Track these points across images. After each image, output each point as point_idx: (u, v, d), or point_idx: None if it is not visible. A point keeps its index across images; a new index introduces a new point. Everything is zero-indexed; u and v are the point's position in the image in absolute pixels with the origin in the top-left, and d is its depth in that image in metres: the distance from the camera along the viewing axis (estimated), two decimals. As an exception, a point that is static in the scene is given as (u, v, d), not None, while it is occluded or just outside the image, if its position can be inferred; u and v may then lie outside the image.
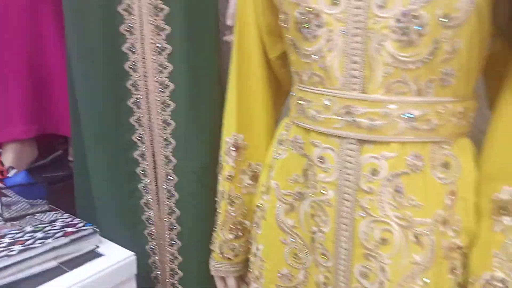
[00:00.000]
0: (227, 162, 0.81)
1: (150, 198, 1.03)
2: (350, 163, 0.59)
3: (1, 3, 1.21)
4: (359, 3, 0.55)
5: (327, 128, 0.60)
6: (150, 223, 1.05)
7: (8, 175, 1.12)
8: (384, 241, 0.58)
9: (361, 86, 0.57)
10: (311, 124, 0.62)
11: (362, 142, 0.59)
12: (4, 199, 1.04)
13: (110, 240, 1.02)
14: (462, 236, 0.59)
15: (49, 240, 0.90)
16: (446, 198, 0.58)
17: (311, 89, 0.62)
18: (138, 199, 1.04)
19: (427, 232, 0.57)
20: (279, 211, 0.70)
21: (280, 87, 0.83)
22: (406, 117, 0.55)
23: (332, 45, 0.58)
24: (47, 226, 0.98)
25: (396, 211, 0.57)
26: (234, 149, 0.80)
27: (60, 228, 0.96)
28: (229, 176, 0.80)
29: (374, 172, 0.58)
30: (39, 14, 1.27)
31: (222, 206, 0.81)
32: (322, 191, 0.62)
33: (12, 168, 1.15)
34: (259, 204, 0.76)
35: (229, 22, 1.03)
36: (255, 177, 0.82)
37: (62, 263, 0.90)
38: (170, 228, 1.04)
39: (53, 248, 0.89)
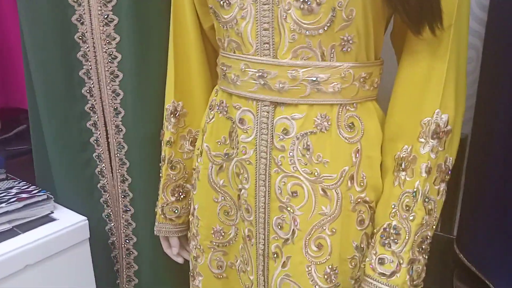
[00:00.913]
0: (167, 128, 0.85)
1: (104, 167, 1.08)
2: (265, 123, 0.64)
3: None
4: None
5: (245, 92, 0.65)
6: (104, 191, 1.10)
7: (-33, 145, 1.15)
8: (295, 194, 0.64)
9: (273, 52, 0.62)
10: (232, 88, 0.67)
11: (275, 104, 0.64)
12: (-39, 168, 1.07)
13: (67, 208, 1.07)
14: (368, 191, 0.65)
15: (2, 205, 0.94)
16: (352, 156, 0.64)
17: (230, 55, 0.66)
18: (93, 168, 1.08)
19: (334, 186, 0.63)
20: (210, 172, 0.75)
21: (216, 55, 0.87)
22: (312, 80, 0.60)
23: (244, 13, 0.62)
24: (2, 193, 1.02)
25: (305, 167, 0.63)
26: (173, 115, 0.84)
27: (15, 194, 1.00)
28: (169, 141, 0.85)
29: (285, 131, 0.63)
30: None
31: (164, 170, 0.86)
32: (243, 151, 0.67)
33: (-29, 138, 1.18)
34: (194, 167, 0.81)
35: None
36: (194, 143, 0.87)
37: (16, 226, 0.95)
38: (124, 195, 1.09)
39: (7, 212, 0.94)
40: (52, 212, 1.02)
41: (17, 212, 0.95)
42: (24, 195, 1.00)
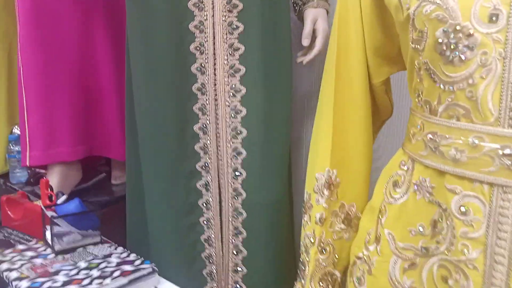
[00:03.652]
0: (318, 202, 0.70)
1: (213, 234, 0.93)
2: (506, 217, 0.48)
3: (56, 23, 1.16)
4: (526, 20, 0.45)
5: (474, 172, 0.49)
6: (210, 262, 0.95)
7: (58, 201, 1.04)
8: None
9: (524, 123, 0.46)
10: (450, 165, 0.51)
11: (522, 192, 0.47)
12: (55, 229, 0.95)
13: (164, 277, 0.92)
14: None
15: (107, 281, 0.80)
16: None
17: (451, 123, 0.51)
18: (199, 235, 0.94)
19: None
20: (394, 267, 0.58)
21: (378, 115, 0.73)
22: None
23: (486, 71, 0.47)
24: (102, 263, 0.88)
25: None
26: (326, 187, 0.69)
27: (116, 266, 0.87)
28: (320, 219, 0.69)
29: (541, 231, 0.46)
30: (94, 37, 1.22)
31: (312, 254, 0.70)
32: (464, 249, 0.50)
33: (62, 194, 1.07)
34: (361, 255, 0.64)
35: (305, 42, 0.94)
36: (347, 220, 0.71)
37: (119, 305, 0.80)
38: (235, 270, 0.93)
39: (111, 290, 0.80)
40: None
41: (121, 289, 0.81)
42: (127, 268, 0.86)
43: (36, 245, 0.97)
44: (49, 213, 0.95)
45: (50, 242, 0.95)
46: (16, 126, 1.52)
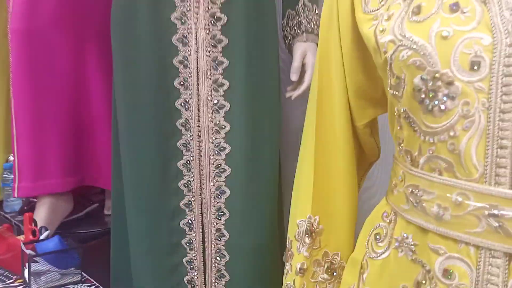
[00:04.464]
0: (298, 251, 0.65)
1: (196, 276, 0.89)
2: (495, 285, 0.43)
3: (49, 53, 1.15)
4: (510, 68, 0.41)
5: (458, 232, 0.44)
6: (193, 305, 0.90)
7: (41, 237, 1.01)
8: None
9: (511, 180, 0.42)
10: (433, 223, 0.46)
11: (510, 256, 0.42)
12: (34, 267, 0.92)
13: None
14: None
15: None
16: None
17: (433, 177, 0.46)
18: (182, 276, 0.89)
19: None
20: (375, 330, 0.53)
21: (364, 158, 0.69)
22: None
23: (469, 123, 0.43)
24: (78, 307, 0.84)
25: None
26: (308, 235, 0.64)
27: (92, 310, 0.83)
28: (301, 269, 0.64)
29: (533, 303, 0.41)
30: (85, 65, 1.21)
31: (292, 308, 0.65)
32: (448, 318, 0.45)
33: (45, 229, 1.04)
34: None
35: (293, 77, 0.91)
36: (331, 270, 0.66)
37: None
38: (218, 314, 0.88)
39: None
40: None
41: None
42: (103, 313, 0.81)
43: (13, 284, 0.94)
44: (28, 251, 0.92)
45: (28, 281, 0.91)
46: (12, 155, 1.51)
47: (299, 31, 0.91)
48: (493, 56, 0.42)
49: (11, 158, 1.53)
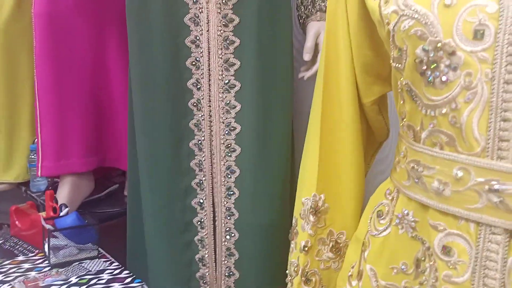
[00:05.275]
0: (303, 229, 0.65)
1: (206, 254, 0.90)
2: (494, 261, 0.41)
3: (70, 36, 1.18)
4: (517, 37, 0.39)
5: (459, 208, 0.43)
6: (204, 283, 0.91)
7: (61, 214, 1.05)
8: None
9: (514, 155, 0.40)
10: (433, 199, 0.45)
11: (511, 233, 0.41)
12: (53, 241, 0.95)
13: (159, 296, 0.90)
14: None
15: (93, 298, 0.79)
16: None
17: (434, 151, 0.45)
18: (193, 254, 0.91)
19: None
20: (375, 307, 0.53)
21: (373, 137, 0.67)
22: None
23: (471, 95, 0.41)
24: (93, 279, 0.87)
25: None
26: (312, 213, 0.64)
27: (106, 283, 0.85)
28: (305, 246, 0.64)
29: (534, 280, 0.40)
30: (105, 48, 1.23)
31: (295, 284, 0.65)
32: (446, 295, 0.44)
33: (65, 206, 1.08)
34: (342, 289, 0.59)
35: (306, 57, 0.90)
36: (336, 249, 0.66)
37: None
38: (227, 291, 0.89)
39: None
40: (144, 306, 0.85)
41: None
42: (116, 286, 0.84)
43: (35, 257, 0.98)
44: (47, 226, 0.96)
45: (47, 255, 0.96)
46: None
47: (313, 10, 0.90)
48: (498, 24, 0.40)
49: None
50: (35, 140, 1.61)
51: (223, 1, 0.81)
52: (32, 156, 1.51)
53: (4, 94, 1.53)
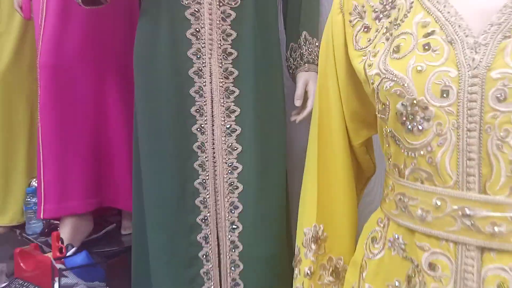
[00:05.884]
0: (306, 256, 0.73)
1: (212, 285, 0.96)
2: (471, 273, 0.51)
3: (74, 87, 1.26)
4: (473, 95, 0.51)
5: (439, 231, 0.53)
6: (210, 314, 0.97)
7: (68, 253, 1.09)
8: None
9: (480, 186, 0.51)
10: (418, 224, 0.55)
11: (483, 249, 0.51)
12: (63, 280, 1.00)
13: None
14: None
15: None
16: None
17: (416, 185, 0.56)
18: (200, 286, 0.97)
19: None
20: (374, 320, 0.61)
21: (362, 173, 0.78)
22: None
23: (442, 140, 0.52)
24: (104, 315, 0.92)
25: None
26: (314, 241, 0.73)
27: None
28: (309, 272, 0.73)
29: (502, 286, 0.50)
30: (106, 95, 1.32)
31: (301, 306, 0.73)
32: (434, 304, 0.53)
33: (72, 246, 1.13)
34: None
35: (297, 103, 1.01)
36: (335, 273, 0.74)
37: None
38: (234, 322, 0.96)
39: None
40: None
41: None
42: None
43: (44, 297, 1.02)
44: (58, 265, 1.00)
45: (58, 294, 1.00)
46: (34, 179, 1.61)
47: (301, 62, 1.02)
48: (459, 86, 0.52)
49: (33, 183, 1.64)
50: (31, 183, 1.65)
51: (224, 57, 0.92)
52: (28, 199, 1.55)
53: (1, 139, 1.58)
